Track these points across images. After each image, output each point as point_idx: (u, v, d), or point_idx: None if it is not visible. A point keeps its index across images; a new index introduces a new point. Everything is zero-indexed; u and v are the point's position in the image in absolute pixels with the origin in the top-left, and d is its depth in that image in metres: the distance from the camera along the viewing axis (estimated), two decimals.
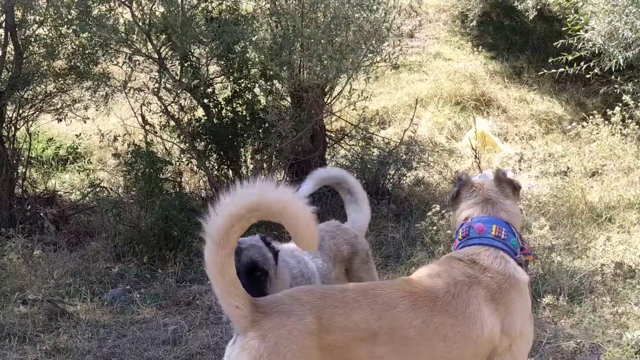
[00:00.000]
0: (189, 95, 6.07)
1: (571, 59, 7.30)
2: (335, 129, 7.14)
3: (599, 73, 7.38)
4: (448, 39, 10.81)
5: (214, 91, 6.14)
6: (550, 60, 7.59)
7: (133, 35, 5.71)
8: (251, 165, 6.28)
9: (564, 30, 7.45)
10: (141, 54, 5.89)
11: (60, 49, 5.92)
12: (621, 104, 7.26)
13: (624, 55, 6.86)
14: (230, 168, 6.24)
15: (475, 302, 2.45)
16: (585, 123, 7.53)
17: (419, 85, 9.37)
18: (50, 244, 5.80)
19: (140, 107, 6.13)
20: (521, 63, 9.89)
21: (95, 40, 5.70)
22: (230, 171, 6.25)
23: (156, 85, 5.97)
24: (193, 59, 5.98)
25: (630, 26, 6.71)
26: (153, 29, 5.69)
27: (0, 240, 5.51)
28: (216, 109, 6.10)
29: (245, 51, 5.87)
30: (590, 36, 7.01)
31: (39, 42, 5.93)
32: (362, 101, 6.18)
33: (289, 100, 6.21)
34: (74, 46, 5.97)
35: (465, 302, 2.44)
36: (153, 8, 5.76)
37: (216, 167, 6.27)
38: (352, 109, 6.56)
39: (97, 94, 6.24)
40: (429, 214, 5.18)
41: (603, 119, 7.38)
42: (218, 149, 6.17)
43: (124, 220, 5.68)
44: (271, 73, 5.81)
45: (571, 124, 7.91)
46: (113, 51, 5.87)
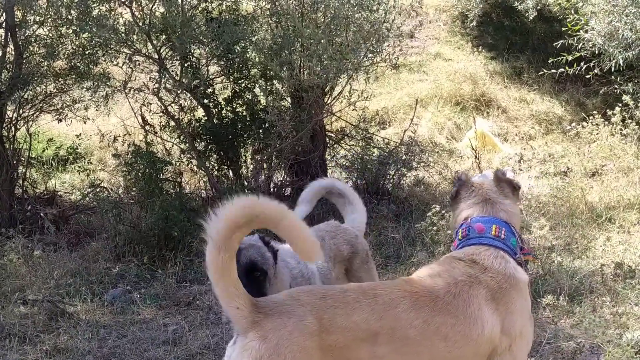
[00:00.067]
0: (189, 95, 6.08)
1: (571, 59, 7.30)
2: (335, 129, 7.14)
3: (599, 73, 7.39)
4: (448, 39, 10.81)
5: (214, 91, 6.14)
6: (550, 60, 7.60)
7: (133, 35, 5.71)
8: (251, 166, 6.28)
9: (564, 30, 7.45)
10: (141, 54, 5.89)
11: (60, 49, 5.93)
12: (621, 104, 7.26)
13: (624, 56, 6.87)
14: (230, 168, 6.24)
15: (476, 302, 2.45)
16: (585, 123, 7.52)
17: (419, 85, 9.37)
18: (51, 244, 5.80)
19: (140, 108, 6.13)
20: (521, 63, 9.89)
21: (95, 41, 5.70)
22: (231, 171, 6.25)
23: (156, 85, 5.98)
24: (193, 59, 5.98)
25: (630, 26, 6.72)
26: (153, 29, 5.69)
27: (0, 240, 5.52)
28: (216, 109, 6.11)
29: (245, 51, 5.87)
30: (590, 36, 7.01)
31: (39, 42, 5.94)
32: (362, 101, 6.17)
33: (289, 100, 6.21)
34: (74, 46, 5.97)
35: (466, 302, 2.44)
36: (153, 8, 5.76)
37: (216, 168, 6.26)
38: (352, 109, 6.55)
39: (97, 94, 6.24)
40: (429, 214, 5.17)
41: (603, 119, 7.37)
42: (218, 149, 6.17)
43: (124, 220, 5.68)
44: (271, 73, 5.81)
45: (571, 124, 7.91)
46: (113, 51, 5.87)
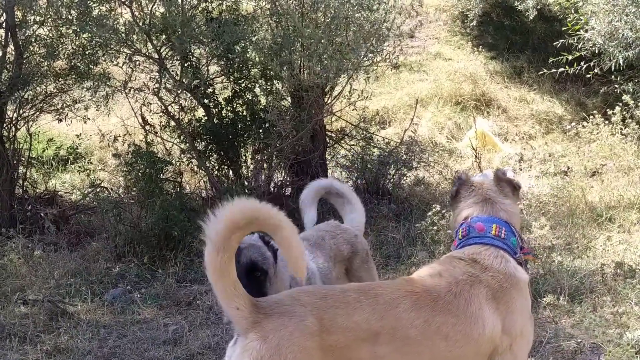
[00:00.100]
0: (189, 95, 6.08)
1: (571, 58, 7.30)
2: (335, 129, 7.14)
3: (599, 73, 7.39)
4: (448, 39, 10.81)
5: (214, 91, 6.14)
6: (550, 60, 7.59)
7: (133, 35, 5.71)
8: (251, 165, 6.28)
9: (564, 30, 7.45)
10: (141, 54, 5.89)
11: (60, 49, 5.93)
12: (621, 104, 7.27)
13: (624, 55, 6.86)
14: (230, 168, 6.24)
15: (477, 301, 2.45)
16: (586, 123, 7.53)
17: (419, 85, 9.37)
18: (51, 244, 5.80)
19: (140, 107, 6.13)
20: (521, 63, 9.89)
21: (95, 41, 5.70)
22: (231, 171, 6.25)
23: (156, 85, 5.98)
24: (193, 59, 5.98)
25: (630, 26, 6.72)
26: (153, 29, 5.68)
27: (0, 240, 5.52)
28: (216, 109, 6.11)
29: (245, 51, 5.87)
30: (590, 36, 7.01)
31: (39, 42, 5.94)
32: (362, 101, 6.17)
33: (289, 100, 6.21)
34: (74, 46, 5.97)
35: (466, 301, 2.44)
36: (153, 8, 5.76)
37: (216, 167, 6.26)
38: (352, 109, 6.56)
39: (98, 94, 6.24)
40: (430, 213, 5.17)
41: (603, 119, 7.38)
42: (218, 149, 6.17)
43: (124, 220, 5.68)
44: (271, 73, 5.81)
45: (571, 124, 7.91)
46: (113, 51, 5.87)
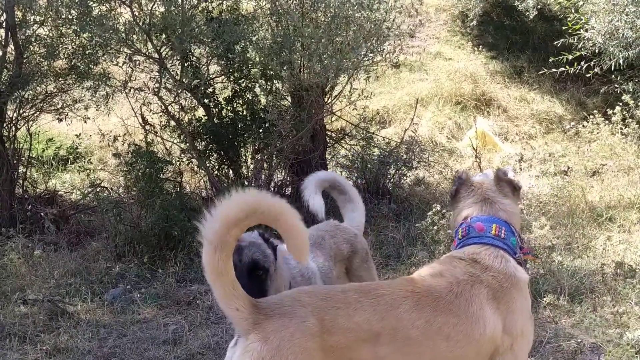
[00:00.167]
0: (189, 95, 6.07)
1: (571, 58, 7.30)
2: (335, 129, 7.14)
3: (599, 72, 7.39)
4: (448, 38, 10.81)
5: (215, 91, 6.14)
6: (550, 59, 7.59)
7: (133, 35, 5.70)
8: (251, 165, 6.28)
9: (564, 29, 7.44)
10: (141, 53, 5.89)
11: (60, 49, 5.92)
12: (621, 104, 7.27)
13: (624, 55, 6.86)
14: (230, 168, 6.24)
15: (478, 301, 2.44)
16: (586, 122, 7.52)
17: (419, 85, 9.37)
18: (51, 243, 5.80)
19: (140, 107, 6.13)
20: (521, 63, 9.88)
21: (95, 40, 5.69)
22: (231, 171, 6.25)
23: (156, 85, 5.97)
24: (193, 58, 5.98)
25: (631, 25, 6.71)
26: (153, 28, 5.68)
27: (0, 240, 5.52)
28: (216, 109, 6.10)
29: (245, 51, 5.86)
30: (590, 35, 7.01)
31: (39, 42, 5.93)
32: (363, 101, 6.17)
33: (289, 99, 6.21)
34: (74, 46, 5.97)
35: (467, 301, 2.43)
36: (153, 8, 5.76)
37: (216, 167, 6.26)
38: (353, 109, 6.55)
39: (98, 94, 6.24)
40: (430, 213, 5.17)
41: (603, 119, 7.38)
42: (218, 149, 6.17)
43: (124, 220, 5.68)
44: (271, 73, 5.81)
45: (571, 124, 7.91)
46: (113, 51, 5.86)
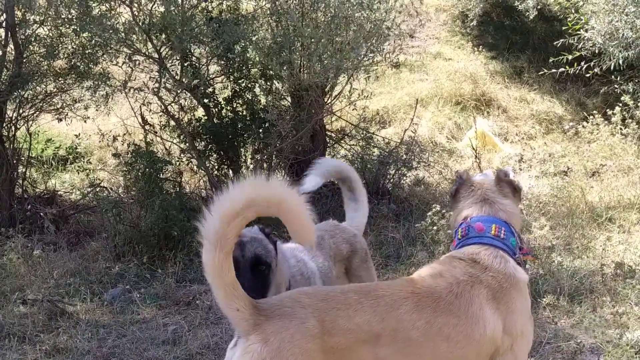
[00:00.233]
0: (189, 95, 6.07)
1: (571, 58, 7.30)
2: (335, 129, 7.14)
3: (599, 73, 7.38)
4: (448, 38, 10.80)
5: (214, 91, 6.14)
6: (550, 60, 7.59)
7: (133, 35, 5.70)
8: (251, 165, 6.27)
9: (564, 29, 7.44)
10: (141, 53, 5.89)
11: (60, 49, 5.92)
12: (621, 104, 7.27)
13: (624, 55, 6.86)
14: (230, 168, 6.24)
15: (478, 302, 2.44)
16: (586, 123, 7.52)
17: (419, 85, 9.36)
18: (50, 243, 5.79)
19: (140, 107, 6.13)
20: (521, 63, 9.88)
21: (95, 40, 5.69)
22: (231, 171, 6.25)
23: (156, 85, 5.97)
24: (193, 58, 5.98)
25: (631, 26, 6.71)
26: (153, 28, 5.68)
27: (0, 240, 5.51)
28: (216, 109, 6.10)
29: (245, 51, 5.86)
30: (590, 36, 7.01)
31: (39, 42, 5.93)
32: (362, 101, 6.17)
33: (289, 100, 6.21)
34: (74, 46, 5.96)
35: (468, 302, 2.43)
36: (153, 8, 5.76)
37: (216, 167, 6.26)
38: (352, 109, 6.55)
39: (97, 94, 6.24)
40: (429, 213, 5.16)
41: (603, 119, 7.38)
42: (218, 149, 6.17)
43: (124, 220, 5.67)
44: (271, 73, 5.81)
45: (570, 124, 7.91)
46: (113, 51, 5.86)
